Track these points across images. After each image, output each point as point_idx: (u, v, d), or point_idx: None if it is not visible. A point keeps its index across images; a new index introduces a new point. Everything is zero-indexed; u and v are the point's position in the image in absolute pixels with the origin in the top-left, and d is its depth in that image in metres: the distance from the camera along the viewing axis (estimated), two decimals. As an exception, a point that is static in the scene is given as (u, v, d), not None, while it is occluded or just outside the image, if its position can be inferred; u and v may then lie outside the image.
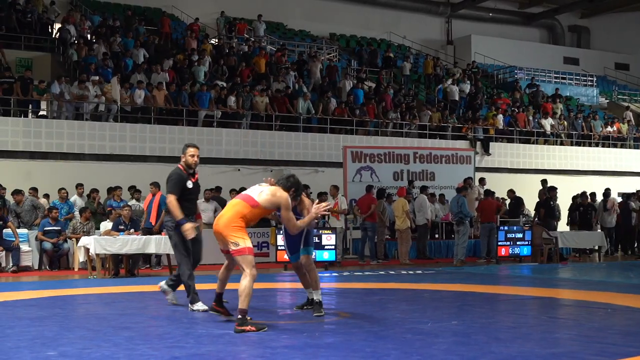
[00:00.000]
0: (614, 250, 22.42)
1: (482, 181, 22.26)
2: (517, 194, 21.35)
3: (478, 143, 25.75)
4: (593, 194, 22.89)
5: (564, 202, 21.59)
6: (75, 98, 20.41)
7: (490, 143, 26.06)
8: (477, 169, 23.31)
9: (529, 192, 22.30)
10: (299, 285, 9.02)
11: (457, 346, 6.41)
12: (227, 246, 7.44)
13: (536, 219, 19.84)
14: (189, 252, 8.93)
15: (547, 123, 28.08)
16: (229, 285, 8.02)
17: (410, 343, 6.53)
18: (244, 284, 7.14)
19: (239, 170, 21.72)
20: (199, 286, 8.93)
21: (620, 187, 25.02)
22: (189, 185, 8.97)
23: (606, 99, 38.20)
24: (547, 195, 19.79)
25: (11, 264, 15.29)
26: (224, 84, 23.33)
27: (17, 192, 16.68)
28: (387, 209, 18.81)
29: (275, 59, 26.75)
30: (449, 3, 39.44)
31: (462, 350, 6.15)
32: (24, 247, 15.74)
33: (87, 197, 17.85)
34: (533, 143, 27.48)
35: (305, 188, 8.83)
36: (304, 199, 8.47)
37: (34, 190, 17.28)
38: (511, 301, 10.36)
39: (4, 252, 15.43)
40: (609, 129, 29.88)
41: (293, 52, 30.15)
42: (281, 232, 15.95)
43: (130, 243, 14.09)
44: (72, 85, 20.48)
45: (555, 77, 37.35)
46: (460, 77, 30.19)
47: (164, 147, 20.80)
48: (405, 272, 15.08)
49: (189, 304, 8.82)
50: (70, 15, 25.78)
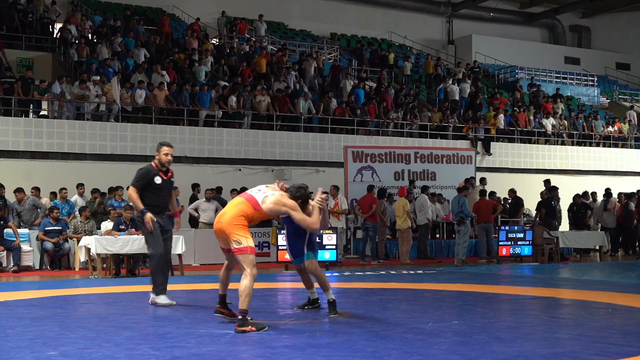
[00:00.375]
0: (615, 250, 22.39)
1: (483, 181, 22.25)
2: (519, 194, 21.34)
3: (479, 143, 25.76)
4: (594, 194, 22.92)
5: (564, 202, 21.60)
6: (76, 98, 20.42)
7: (491, 143, 26.07)
8: (478, 169, 23.32)
9: (530, 192, 22.30)
10: (300, 285, 9.01)
11: (458, 346, 6.40)
12: (229, 244, 7.41)
13: (537, 218, 19.85)
14: (157, 248, 9.12)
15: (549, 123, 28.08)
16: (230, 285, 8.00)
17: (411, 343, 6.52)
18: (245, 284, 7.12)
19: (240, 170, 21.73)
20: (203, 286, 8.92)
21: (621, 187, 25.00)
22: (157, 181, 9.27)
23: (607, 99, 38.20)
24: (549, 195, 19.78)
25: (12, 264, 15.30)
26: (227, 84, 23.34)
27: (19, 191, 16.70)
28: (388, 209, 18.80)
29: (276, 58, 26.76)
30: (450, 3, 39.44)
31: (463, 350, 6.14)
32: (25, 247, 15.74)
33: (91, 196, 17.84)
34: (534, 143, 27.48)
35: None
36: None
37: (36, 189, 17.28)
38: (512, 301, 10.34)
39: (5, 252, 15.44)
40: (610, 128, 29.87)
41: (294, 52, 30.16)
42: (282, 232, 15.97)
43: (131, 243, 14.09)
44: (73, 85, 20.50)
45: (557, 77, 37.34)
46: (461, 76, 30.20)
47: (165, 147, 20.78)
48: (406, 272, 15.07)
49: (152, 294, 9.14)
50: (71, 15, 25.80)
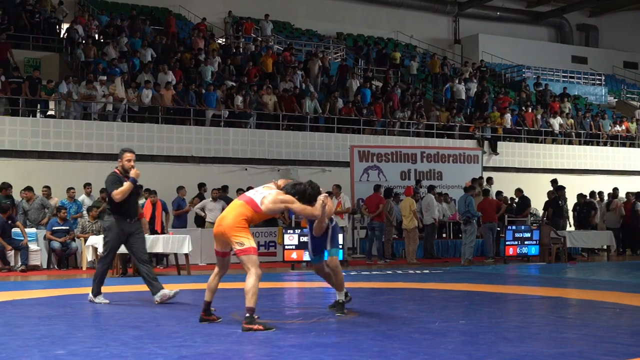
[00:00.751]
0: (619, 250, 22.32)
1: (489, 181, 22.22)
2: (525, 193, 21.29)
3: (486, 142, 25.72)
4: (600, 193, 22.86)
5: (572, 202, 21.55)
6: (83, 98, 20.47)
7: (498, 142, 26.03)
8: (485, 169, 23.29)
9: (537, 192, 22.24)
10: (306, 284, 9.02)
11: (464, 346, 6.40)
12: (228, 247, 7.45)
13: (544, 218, 19.81)
14: (113, 253, 9.67)
15: (556, 122, 28.02)
16: (232, 285, 8.00)
17: (418, 342, 6.52)
18: (250, 283, 7.12)
19: (246, 169, 21.74)
20: (205, 285, 8.92)
21: (629, 186, 24.93)
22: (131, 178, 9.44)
23: (615, 98, 38.08)
24: (556, 194, 19.75)
25: (20, 263, 15.34)
26: (234, 84, 23.35)
27: (28, 189, 16.75)
28: (394, 209, 18.79)
29: (282, 58, 26.77)
30: (456, 2, 39.37)
31: (469, 350, 6.14)
32: (33, 246, 15.78)
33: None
34: (541, 142, 27.42)
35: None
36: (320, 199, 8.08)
37: (47, 188, 17.34)
38: (519, 301, 10.33)
39: (12, 252, 15.47)
40: (618, 128, 29.79)
41: (300, 51, 30.16)
42: (289, 231, 15.98)
43: (138, 242, 14.08)
44: (79, 85, 20.55)
45: (564, 76, 37.24)
46: (469, 76, 30.16)
47: (172, 147, 20.86)
48: (412, 272, 15.06)
49: (91, 295, 9.47)
50: (78, 15, 25.85)
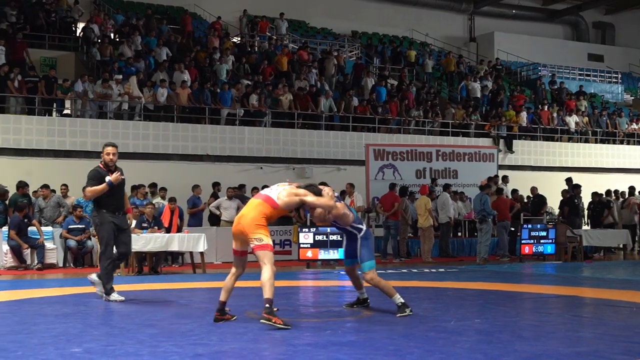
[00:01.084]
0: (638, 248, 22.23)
1: (505, 179, 22.15)
2: (541, 191, 21.21)
3: (501, 141, 25.63)
4: (616, 191, 22.75)
5: (587, 201, 21.46)
6: (98, 97, 20.55)
7: (514, 141, 25.94)
8: (500, 167, 23.21)
9: (552, 190, 22.15)
10: (321, 283, 9.02)
11: (480, 344, 6.38)
12: (247, 246, 7.49)
13: (560, 217, 19.72)
14: (111, 246, 9.67)
15: (572, 120, 27.88)
16: (247, 283, 8.02)
17: (433, 341, 6.50)
18: (267, 275, 7.18)
19: (262, 168, 21.76)
20: (224, 284, 8.93)
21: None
22: (107, 181, 9.57)
23: (631, 96, 37.85)
24: (572, 193, 19.66)
25: (36, 262, 15.45)
26: (249, 82, 23.38)
27: (45, 187, 16.86)
28: (409, 207, 18.77)
29: (297, 57, 26.77)
30: (472, 0, 39.24)
31: (485, 349, 6.12)
32: (49, 244, 15.88)
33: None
34: (557, 141, 27.30)
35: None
36: (338, 205, 8.12)
37: (65, 187, 17.44)
38: (535, 299, 10.29)
39: (29, 250, 15.57)
40: (634, 126, 29.61)
41: (315, 50, 30.15)
42: (304, 230, 15.98)
43: (154, 241, 14.16)
44: (95, 84, 20.63)
45: (580, 74, 37.06)
46: (484, 74, 30.07)
47: (187, 146, 20.91)
48: (427, 270, 15.04)
49: (105, 295, 9.53)
50: (94, 14, 25.95)
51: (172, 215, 15.72)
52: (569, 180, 21.03)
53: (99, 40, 23.87)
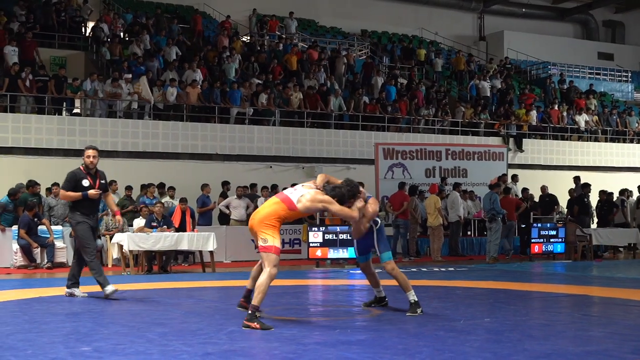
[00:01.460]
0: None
1: (514, 178, 22.09)
2: (551, 190, 21.15)
3: (511, 140, 25.57)
4: (627, 190, 22.66)
5: (595, 199, 21.37)
6: (108, 96, 20.60)
7: (523, 140, 25.88)
8: (510, 166, 23.16)
9: (562, 189, 22.08)
10: (331, 282, 9.02)
11: (489, 344, 6.36)
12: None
13: (570, 216, 19.67)
14: (91, 241, 9.82)
15: (582, 119, 27.80)
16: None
17: (443, 340, 6.49)
18: (262, 281, 7.18)
19: (271, 167, 21.77)
20: (234, 282, 8.95)
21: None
22: (85, 184, 9.72)
23: (642, 95, 37.73)
24: (581, 192, 19.59)
25: (46, 260, 15.50)
26: (260, 81, 23.38)
27: (57, 185, 16.90)
28: (419, 206, 18.76)
29: (306, 55, 26.78)
30: (482, -2, 39.18)
31: (495, 348, 6.10)
32: (59, 243, 15.92)
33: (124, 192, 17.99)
34: (567, 139, 27.22)
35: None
36: (357, 204, 7.95)
37: None
38: (544, 298, 10.26)
39: (39, 249, 15.62)
40: (645, 124, 29.50)
41: (324, 49, 30.15)
42: (314, 229, 15.99)
43: (163, 240, 14.20)
44: (105, 83, 20.68)
45: (590, 73, 36.94)
46: (493, 73, 30.01)
47: (197, 145, 20.93)
48: (437, 269, 15.02)
49: (104, 290, 9.66)
50: (104, 13, 26.01)
51: (183, 215, 15.75)
52: (576, 179, 20.95)
53: (109, 40, 23.93)
